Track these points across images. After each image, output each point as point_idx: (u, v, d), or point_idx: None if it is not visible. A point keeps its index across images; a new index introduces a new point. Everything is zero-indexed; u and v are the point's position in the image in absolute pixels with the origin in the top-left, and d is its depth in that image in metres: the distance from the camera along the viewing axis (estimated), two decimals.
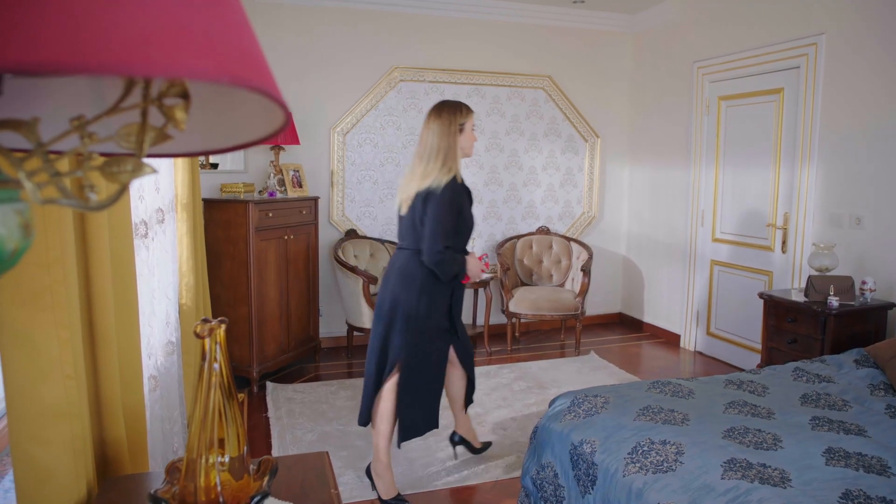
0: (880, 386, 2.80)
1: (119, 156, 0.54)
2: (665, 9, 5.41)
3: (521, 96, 5.67)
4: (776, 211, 4.47)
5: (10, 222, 0.48)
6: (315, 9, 5.03)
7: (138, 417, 1.67)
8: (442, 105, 2.82)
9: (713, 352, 5.13)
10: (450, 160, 2.75)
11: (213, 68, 0.38)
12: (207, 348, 0.97)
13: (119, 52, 0.34)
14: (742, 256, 4.78)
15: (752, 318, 4.59)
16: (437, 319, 2.87)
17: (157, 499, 0.98)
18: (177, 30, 0.37)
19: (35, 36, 0.31)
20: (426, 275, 2.79)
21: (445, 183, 2.72)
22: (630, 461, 2.14)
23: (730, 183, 4.88)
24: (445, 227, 2.72)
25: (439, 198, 2.71)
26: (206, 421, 1.02)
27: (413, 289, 2.79)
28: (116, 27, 0.36)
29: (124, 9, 0.35)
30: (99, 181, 0.60)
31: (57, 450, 1.12)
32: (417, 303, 2.80)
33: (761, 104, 4.55)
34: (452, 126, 2.76)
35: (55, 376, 1.11)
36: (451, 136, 2.75)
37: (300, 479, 1.25)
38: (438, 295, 2.84)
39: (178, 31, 0.37)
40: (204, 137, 0.64)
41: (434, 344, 2.88)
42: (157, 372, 2.36)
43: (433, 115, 2.79)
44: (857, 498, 1.82)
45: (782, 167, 4.39)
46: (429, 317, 2.82)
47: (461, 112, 2.80)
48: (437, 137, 2.75)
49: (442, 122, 2.76)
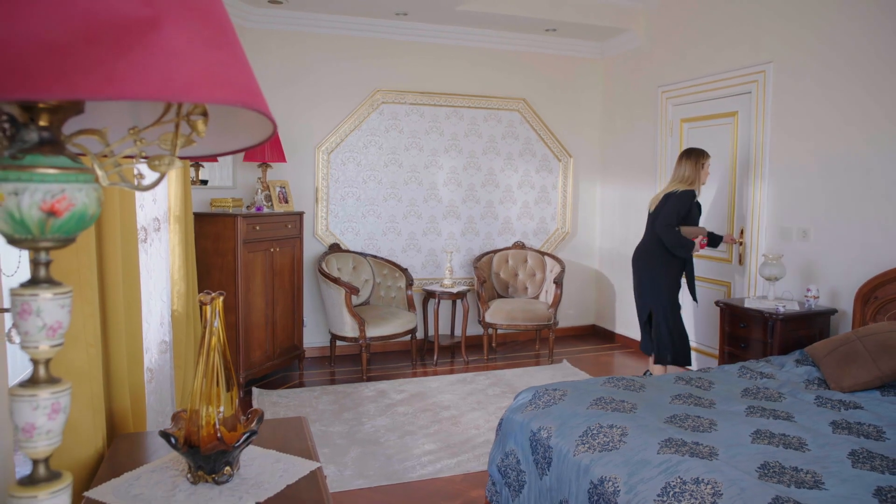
0: (815, 381, 3.08)
1: (159, 154, 0.79)
2: (632, 37, 5.77)
3: (497, 118, 5.98)
4: (733, 226, 4.78)
5: (92, 195, 0.74)
6: (302, 35, 5.33)
7: (139, 398, 1.89)
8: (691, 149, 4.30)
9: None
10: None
11: (231, 96, 0.64)
12: (209, 315, 1.22)
13: (177, 89, 0.59)
14: (705, 269, 5.07)
15: (714, 326, 4.87)
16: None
17: (166, 434, 1.22)
18: (209, 75, 0.62)
19: (135, 80, 0.57)
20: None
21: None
22: (580, 443, 2.38)
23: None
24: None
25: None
26: (207, 377, 1.26)
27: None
28: (172, 75, 0.62)
29: (179, 63, 0.60)
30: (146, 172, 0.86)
31: (81, 405, 1.34)
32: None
33: (719, 126, 4.89)
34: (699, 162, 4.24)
35: (80, 344, 1.34)
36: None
37: (282, 436, 1.49)
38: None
39: (209, 75, 0.63)
40: (215, 144, 0.90)
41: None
42: (153, 366, 2.58)
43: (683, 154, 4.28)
44: (773, 468, 2.08)
45: (738, 185, 4.71)
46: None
47: (704, 155, 4.24)
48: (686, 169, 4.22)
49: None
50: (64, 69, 0.51)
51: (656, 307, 4.31)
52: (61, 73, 0.51)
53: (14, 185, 0.68)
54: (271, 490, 1.26)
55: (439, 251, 5.89)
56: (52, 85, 0.51)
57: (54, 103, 0.72)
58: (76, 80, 0.52)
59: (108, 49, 0.54)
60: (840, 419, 2.57)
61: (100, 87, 0.52)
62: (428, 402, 4.40)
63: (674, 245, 4.14)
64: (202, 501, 1.21)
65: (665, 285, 4.27)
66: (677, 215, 4.15)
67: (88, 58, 0.53)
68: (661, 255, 4.25)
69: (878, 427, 2.49)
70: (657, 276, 4.28)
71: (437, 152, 5.83)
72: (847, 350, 3.10)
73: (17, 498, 0.75)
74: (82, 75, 0.52)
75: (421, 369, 5.25)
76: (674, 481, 2.02)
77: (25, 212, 0.69)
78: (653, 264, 4.30)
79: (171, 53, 0.58)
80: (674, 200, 4.17)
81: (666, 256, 4.23)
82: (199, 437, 1.21)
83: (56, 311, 0.75)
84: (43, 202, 0.69)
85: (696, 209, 4.23)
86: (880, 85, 3.65)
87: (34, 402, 0.74)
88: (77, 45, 0.53)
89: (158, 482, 1.28)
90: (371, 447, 3.62)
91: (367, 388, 4.69)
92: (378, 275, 5.57)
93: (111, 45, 0.54)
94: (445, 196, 5.90)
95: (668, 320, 4.29)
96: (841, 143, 3.89)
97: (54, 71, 0.51)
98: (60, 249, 0.77)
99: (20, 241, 0.72)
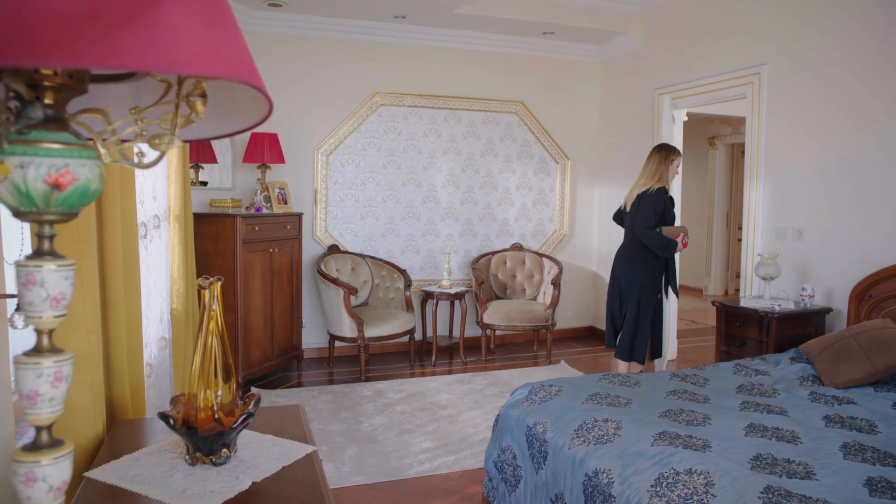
0: (809, 378, 3.11)
1: (159, 133, 0.82)
2: (628, 40, 5.81)
3: (495, 120, 6.02)
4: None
5: (94, 171, 0.77)
6: (301, 37, 5.37)
7: (138, 389, 1.92)
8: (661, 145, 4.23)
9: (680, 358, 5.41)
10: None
11: (228, 71, 0.67)
12: (207, 299, 1.24)
13: (176, 62, 0.62)
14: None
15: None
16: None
17: (165, 416, 1.24)
18: (208, 50, 0.65)
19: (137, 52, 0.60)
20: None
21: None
22: (575, 436, 2.41)
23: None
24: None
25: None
26: (206, 360, 1.29)
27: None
28: (173, 48, 0.65)
29: (179, 38, 0.63)
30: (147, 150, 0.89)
31: (81, 390, 1.37)
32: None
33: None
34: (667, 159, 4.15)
35: (81, 330, 1.37)
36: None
37: (278, 423, 1.52)
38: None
39: (208, 51, 0.66)
40: (214, 126, 0.93)
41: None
42: (152, 361, 2.61)
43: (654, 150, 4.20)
44: (765, 459, 2.10)
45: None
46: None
47: (673, 152, 4.17)
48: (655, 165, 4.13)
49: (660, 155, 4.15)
50: (71, 40, 0.54)
51: (631, 307, 4.13)
52: (68, 43, 0.54)
53: (20, 159, 0.71)
54: (268, 471, 1.29)
55: (437, 252, 5.92)
56: (59, 54, 0.54)
57: (59, 81, 0.75)
58: (82, 50, 0.55)
59: (112, 22, 0.57)
60: (833, 413, 2.60)
61: (104, 57, 0.55)
62: (426, 401, 4.41)
63: (657, 247, 4.01)
64: (200, 481, 1.23)
65: (643, 286, 4.10)
66: (654, 215, 4.02)
67: (94, 30, 0.56)
68: (641, 256, 4.11)
69: (871, 421, 2.51)
70: (636, 277, 4.11)
71: (435, 154, 5.87)
72: (841, 347, 3.12)
73: (21, 463, 0.77)
74: (88, 46, 0.55)
75: (419, 370, 5.27)
76: (667, 472, 2.04)
77: (31, 184, 0.72)
78: (633, 265, 4.14)
79: (172, 28, 0.61)
80: (648, 200, 4.04)
81: (646, 257, 4.10)
82: (197, 420, 1.24)
83: (59, 283, 0.77)
84: (48, 175, 0.72)
85: (670, 205, 4.12)
86: (873, 87, 3.69)
87: (38, 370, 0.77)
88: (83, 18, 0.56)
89: (157, 464, 1.31)
90: (369, 445, 3.63)
91: (365, 388, 4.71)
92: (376, 276, 5.59)
93: (115, 18, 0.57)
94: (444, 198, 5.93)
95: (637, 319, 4.12)
96: (836, 143, 3.92)
97: (62, 41, 0.54)
98: (63, 227, 0.80)
99: (25, 213, 0.75)
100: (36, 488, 0.77)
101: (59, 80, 0.75)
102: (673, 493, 1.96)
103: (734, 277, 8.32)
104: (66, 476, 0.80)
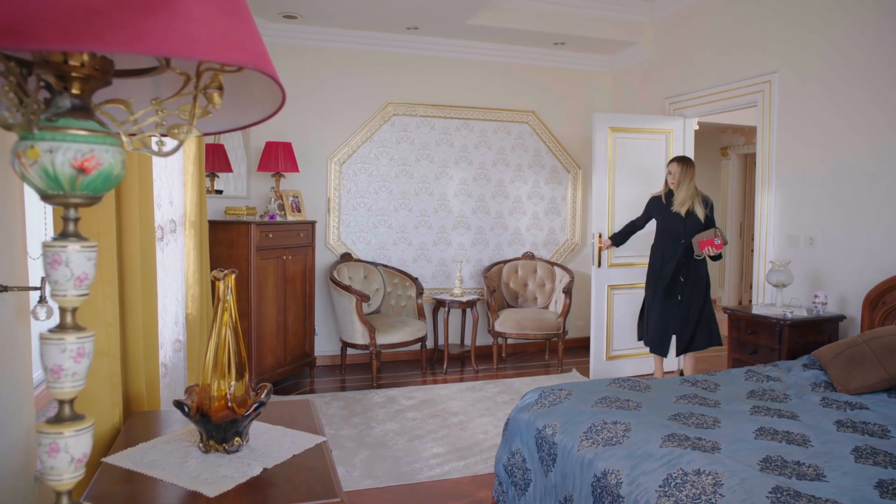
0: (821, 384, 3.09)
1: (178, 123, 0.87)
2: (639, 50, 5.85)
3: (506, 130, 6.07)
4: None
5: (117, 157, 0.81)
6: (316, 49, 5.46)
7: (153, 384, 1.96)
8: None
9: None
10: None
11: (245, 59, 0.71)
12: (222, 290, 1.28)
13: (196, 48, 0.67)
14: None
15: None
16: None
17: (180, 403, 1.28)
18: (225, 39, 0.70)
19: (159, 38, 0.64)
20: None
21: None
22: (584, 438, 2.41)
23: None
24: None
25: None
26: (220, 352, 1.32)
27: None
28: (192, 35, 0.69)
29: (198, 26, 0.68)
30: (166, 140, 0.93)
31: (99, 381, 1.41)
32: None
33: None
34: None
35: (100, 322, 1.41)
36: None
37: (290, 415, 1.55)
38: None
39: (225, 39, 0.70)
40: (229, 118, 0.98)
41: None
42: (167, 362, 2.65)
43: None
44: (774, 461, 2.10)
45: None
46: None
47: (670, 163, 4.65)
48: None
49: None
50: (99, 26, 0.59)
51: (696, 301, 4.55)
52: (97, 29, 0.59)
53: (49, 144, 0.76)
54: (279, 459, 1.32)
55: (449, 261, 5.95)
56: (89, 39, 0.58)
57: (86, 72, 0.80)
58: (108, 36, 0.59)
59: (137, 11, 0.62)
60: (845, 418, 2.58)
61: (129, 42, 0.59)
62: (437, 408, 4.43)
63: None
64: (213, 467, 1.26)
65: (706, 279, 4.58)
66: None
67: (120, 18, 0.61)
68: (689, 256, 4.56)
69: (884, 426, 2.50)
70: (701, 273, 4.56)
71: (447, 164, 5.92)
72: (853, 353, 3.11)
73: (46, 434, 0.81)
74: (115, 32, 0.59)
75: (430, 377, 5.28)
76: (675, 473, 2.05)
77: (59, 168, 0.76)
78: (694, 266, 4.57)
79: (191, 17, 0.65)
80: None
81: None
82: (211, 408, 1.28)
83: (83, 263, 0.82)
84: (74, 160, 0.77)
85: (656, 210, 4.66)
86: (886, 93, 3.69)
87: (62, 346, 0.81)
88: (110, 7, 0.61)
89: (172, 451, 1.35)
90: (380, 450, 3.66)
91: (376, 394, 4.74)
92: (389, 284, 5.63)
93: (139, 8, 0.62)
94: (455, 207, 5.97)
95: (704, 308, 4.57)
96: (847, 150, 3.92)
97: (92, 27, 0.58)
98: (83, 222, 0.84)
99: (52, 196, 0.80)
100: (59, 458, 0.81)
101: (86, 71, 0.80)
102: (681, 493, 1.96)
103: (747, 288, 8.27)
104: (86, 448, 0.84)
